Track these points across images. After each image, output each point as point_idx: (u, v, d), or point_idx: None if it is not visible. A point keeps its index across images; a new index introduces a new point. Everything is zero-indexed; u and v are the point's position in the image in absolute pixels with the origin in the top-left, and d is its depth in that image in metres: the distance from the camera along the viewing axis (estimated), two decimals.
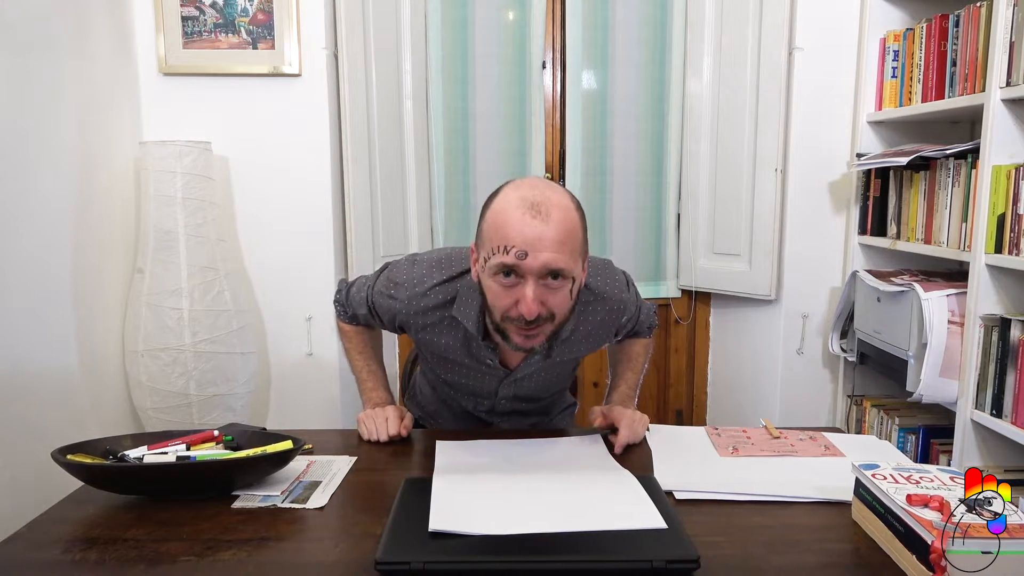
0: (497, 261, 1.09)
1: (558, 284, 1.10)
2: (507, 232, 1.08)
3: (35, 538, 0.97)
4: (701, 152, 2.57)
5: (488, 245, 1.11)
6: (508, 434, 1.38)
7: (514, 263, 1.08)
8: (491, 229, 1.11)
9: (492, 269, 1.10)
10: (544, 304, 1.11)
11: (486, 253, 1.12)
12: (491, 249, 1.10)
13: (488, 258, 1.11)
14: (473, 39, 2.53)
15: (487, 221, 1.13)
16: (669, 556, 0.84)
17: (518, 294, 1.10)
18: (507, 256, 1.08)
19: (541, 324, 1.12)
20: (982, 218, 1.72)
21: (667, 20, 2.56)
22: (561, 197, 1.12)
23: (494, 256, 1.09)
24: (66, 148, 1.83)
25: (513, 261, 1.08)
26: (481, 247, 1.14)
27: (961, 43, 1.87)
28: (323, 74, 2.22)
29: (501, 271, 1.10)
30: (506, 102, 2.57)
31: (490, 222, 1.12)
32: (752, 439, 1.32)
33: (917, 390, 1.84)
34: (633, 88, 2.58)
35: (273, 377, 2.35)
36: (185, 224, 1.99)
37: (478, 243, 1.16)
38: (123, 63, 2.14)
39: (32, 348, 1.68)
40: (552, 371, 1.40)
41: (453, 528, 0.90)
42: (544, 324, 1.13)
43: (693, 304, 2.72)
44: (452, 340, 1.30)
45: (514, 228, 1.07)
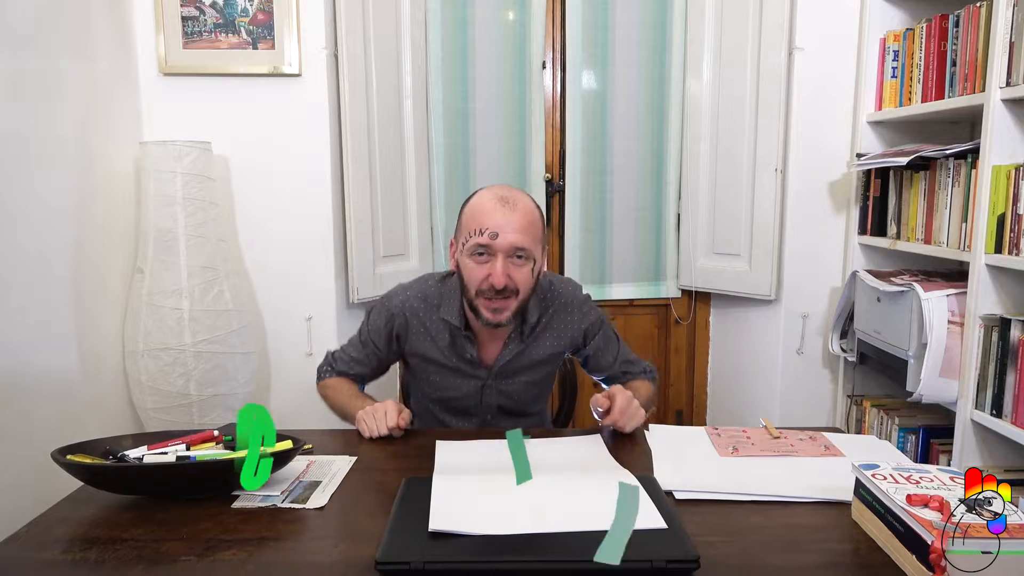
0: (473, 242, 1.35)
1: (521, 262, 1.36)
2: (482, 219, 1.34)
3: (35, 538, 0.97)
4: (701, 152, 2.57)
5: (465, 231, 1.37)
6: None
7: (487, 242, 1.33)
8: (468, 218, 1.38)
9: (469, 249, 1.36)
10: (511, 278, 1.35)
11: (463, 238, 1.38)
12: (468, 233, 1.36)
13: (465, 242, 1.37)
14: (473, 39, 2.53)
15: (465, 214, 1.40)
16: (669, 556, 0.84)
17: (490, 269, 1.35)
18: (482, 237, 1.33)
19: (507, 297, 1.36)
20: (982, 218, 1.72)
21: (667, 20, 2.56)
22: (525, 196, 1.40)
23: (471, 238, 1.35)
24: (66, 148, 1.83)
25: (487, 241, 1.33)
26: (459, 236, 1.40)
27: (961, 43, 1.87)
28: (323, 74, 2.22)
29: (476, 251, 1.35)
30: (506, 102, 2.57)
31: (467, 214, 1.38)
32: (752, 439, 1.32)
33: (917, 390, 1.84)
34: (633, 88, 2.58)
35: (273, 377, 2.35)
36: (185, 224, 1.99)
37: (457, 235, 1.42)
38: (123, 63, 2.14)
39: (32, 348, 1.68)
40: (529, 373, 1.55)
41: (453, 528, 0.90)
42: (510, 298, 1.37)
43: (693, 304, 2.72)
44: (440, 342, 1.50)
45: (488, 215, 1.34)
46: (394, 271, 2.45)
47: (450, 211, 2.60)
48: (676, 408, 2.82)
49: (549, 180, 2.64)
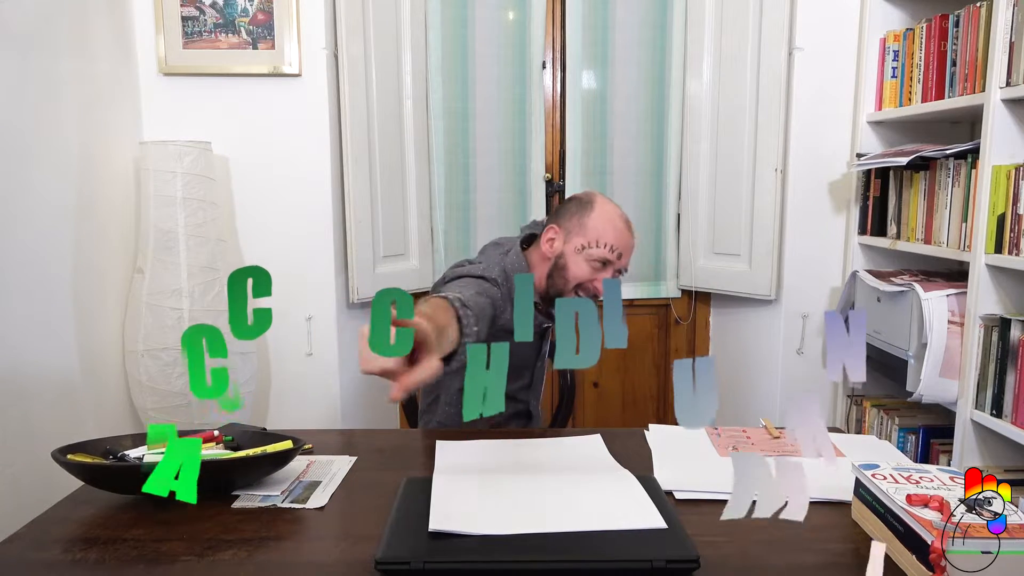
0: (601, 254, 1.54)
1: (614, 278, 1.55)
2: (614, 236, 1.54)
3: (35, 538, 0.97)
4: (701, 152, 2.57)
5: (592, 236, 1.54)
6: (508, 434, 1.38)
7: (613, 260, 1.54)
8: (597, 226, 1.54)
9: (593, 256, 1.54)
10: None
11: (586, 241, 1.54)
12: (595, 241, 1.53)
13: (588, 246, 1.54)
14: (473, 39, 2.53)
15: (593, 219, 1.55)
16: (669, 556, 0.84)
17: (600, 276, 1.53)
18: (611, 254, 1.54)
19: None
20: (982, 218, 1.72)
21: (667, 20, 2.56)
22: None
23: (599, 248, 1.53)
24: (66, 148, 1.83)
25: (613, 259, 1.54)
26: (578, 235, 1.55)
27: (961, 43, 1.87)
28: (323, 74, 2.22)
29: (600, 260, 1.54)
30: (506, 102, 2.57)
31: (596, 221, 1.55)
32: (752, 439, 1.32)
33: (917, 390, 1.84)
34: (633, 88, 2.58)
35: (273, 377, 2.35)
36: (185, 224, 1.99)
37: (572, 229, 1.56)
38: (123, 63, 2.14)
39: (32, 348, 1.68)
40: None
41: (453, 528, 0.90)
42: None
43: (693, 304, 2.72)
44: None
45: (620, 235, 1.55)
46: (394, 271, 2.45)
47: (450, 211, 2.60)
48: None
49: (549, 180, 2.64)
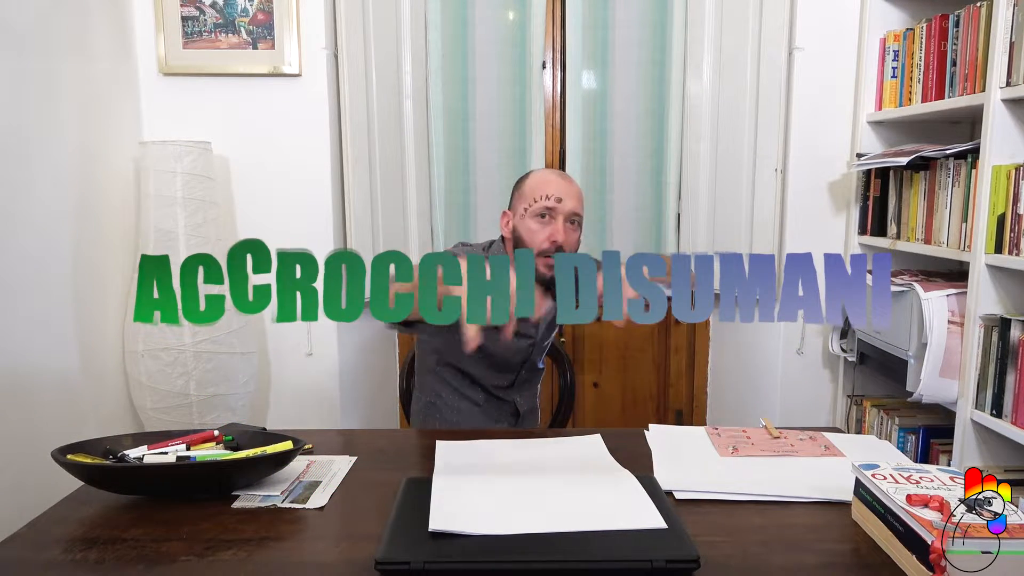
0: (541, 205, 1.54)
1: (574, 228, 1.57)
2: (547, 187, 1.55)
3: (35, 538, 0.97)
4: (701, 152, 2.56)
5: (529, 197, 1.56)
6: (507, 434, 1.38)
7: (553, 205, 1.54)
8: (532, 188, 1.57)
9: (534, 211, 1.54)
10: (566, 239, 1.54)
11: (526, 204, 1.56)
12: (532, 199, 1.55)
13: (529, 207, 1.55)
14: (473, 39, 2.53)
15: (527, 186, 1.59)
16: (669, 556, 0.84)
17: (550, 229, 1.54)
18: (548, 201, 1.54)
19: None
20: (982, 218, 1.72)
21: (667, 20, 2.55)
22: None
23: (536, 203, 1.54)
24: (66, 148, 1.83)
25: (552, 204, 1.54)
26: (520, 202, 1.58)
27: (961, 43, 1.87)
28: (323, 74, 2.22)
29: (541, 212, 1.54)
30: (506, 102, 2.57)
31: (530, 185, 1.58)
32: (752, 439, 1.32)
33: (917, 390, 1.84)
34: (633, 88, 2.58)
35: (273, 377, 2.35)
36: (185, 224, 1.99)
37: (515, 204, 1.61)
38: (123, 63, 2.14)
39: (32, 348, 1.68)
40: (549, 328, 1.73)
41: (453, 528, 0.90)
42: None
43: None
44: None
45: (552, 184, 1.56)
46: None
47: (450, 211, 2.60)
48: (676, 408, 2.82)
49: None
